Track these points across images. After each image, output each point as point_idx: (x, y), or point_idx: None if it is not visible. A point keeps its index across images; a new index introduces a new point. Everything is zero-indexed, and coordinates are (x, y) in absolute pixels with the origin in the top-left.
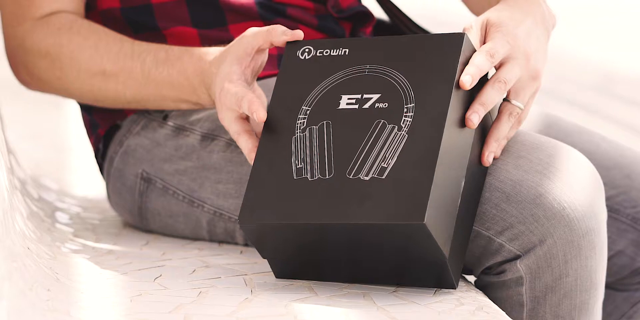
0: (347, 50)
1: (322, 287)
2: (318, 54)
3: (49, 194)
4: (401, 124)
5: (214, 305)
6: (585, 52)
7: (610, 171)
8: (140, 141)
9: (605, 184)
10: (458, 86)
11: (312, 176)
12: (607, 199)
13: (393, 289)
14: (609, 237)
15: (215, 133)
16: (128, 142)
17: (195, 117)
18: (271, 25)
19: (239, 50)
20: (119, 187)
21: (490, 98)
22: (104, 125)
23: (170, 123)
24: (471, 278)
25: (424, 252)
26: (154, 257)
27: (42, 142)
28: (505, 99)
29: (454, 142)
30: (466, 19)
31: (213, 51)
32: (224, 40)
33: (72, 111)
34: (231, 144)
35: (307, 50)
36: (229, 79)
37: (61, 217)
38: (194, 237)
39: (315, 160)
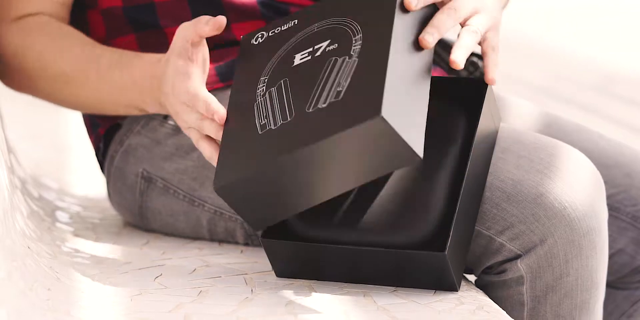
0: (296, 20)
1: (322, 286)
2: (270, 34)
3: (49, 193)
4: (351, 52)
5: (214, 304)
6: (586, 52)
7: (610, 170)
8: (140, 140)
9: (605, 182)
10: (403, 10)
11: (275, 124)
12: (607, 197)
13: (393, 288)
14: (609, 236)
15: None
16: (129, 141)
17: None
18: (197, 17)
19: (176, 46)
20: (120, 186)
21: (441, 22)
22: (104, 124)
23: (170, 122)
24: (471, 277)
25: (393, 155)
26: (154, 256)
27: (42, 141)
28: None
29: (409, 59)
30: None
31: (161, 56)
32: (226, 40)
33: (72, 111)
34: None
35: (259, 35)
36: (178, 72)
37: (61, 216)
38: (195, 237)
39: (277, 110)
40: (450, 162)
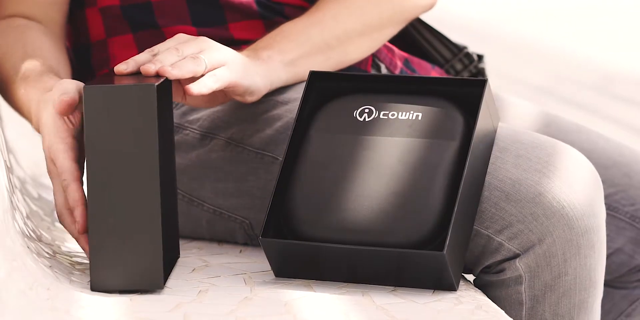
0: None
1: (321, 286)
2: None
3: (48, 193)
4: None
5: (213, 304)
6: (585, 52)
7: (608, 170)
8: None
9: (603, 182)
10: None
11: None
12: (606, 197)
13: (392, 288)
14: (607, 235)
15: (214, 132)
16: None
17: (194, 116)
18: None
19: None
20: None
21: (164, 56)
22: None
23: None
24: (470, 277)
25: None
26: None
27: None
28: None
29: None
30: (467, 19)
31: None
32: (224, 39)
33: None
34: (231, 143)
35: None
36: (57, 138)
37: None
38: (194, 236)
39: None
40: (449, 162)
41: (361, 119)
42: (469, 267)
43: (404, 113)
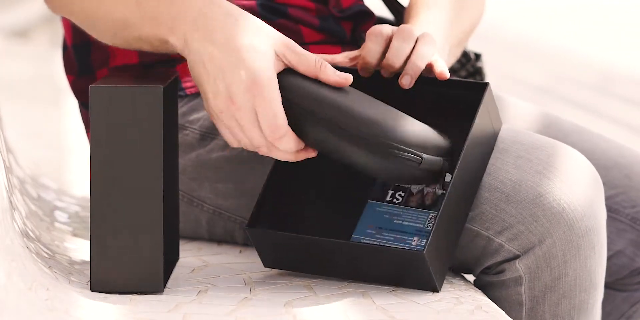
0: None
1: (321, 286)
2: None
3: (47, 193)
4: None
5: (213, 304)
6: (585, 52)
7: (609, 171)
8: None
9: (604, 183)
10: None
11: None
12: (606, 198)
13: (392, 288)
14: (608, 237)
15: (214, 132)
16: None
17: (194, 116)
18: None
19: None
20: None
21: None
22: None
23: None
24: (470, 277)
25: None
26: None
27: (41, 141)
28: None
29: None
30: None
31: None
32: None
33: (71, 109)
34: None
35: None
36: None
37: (60, 216)
38: (193, 237)
39: None
40: None
41: None
42: (469, 268)
43: None
